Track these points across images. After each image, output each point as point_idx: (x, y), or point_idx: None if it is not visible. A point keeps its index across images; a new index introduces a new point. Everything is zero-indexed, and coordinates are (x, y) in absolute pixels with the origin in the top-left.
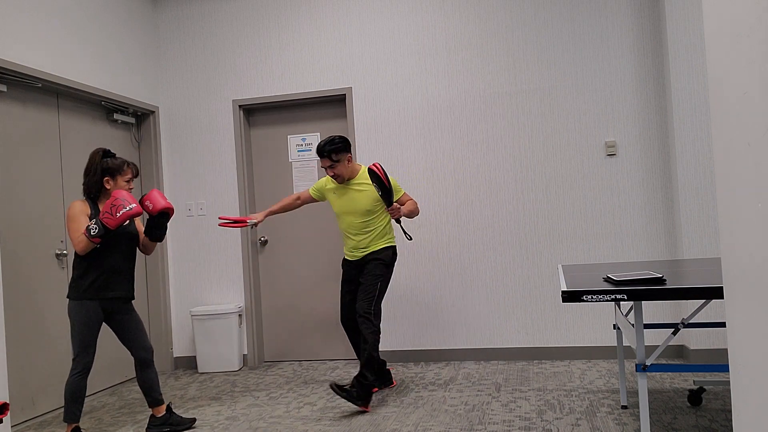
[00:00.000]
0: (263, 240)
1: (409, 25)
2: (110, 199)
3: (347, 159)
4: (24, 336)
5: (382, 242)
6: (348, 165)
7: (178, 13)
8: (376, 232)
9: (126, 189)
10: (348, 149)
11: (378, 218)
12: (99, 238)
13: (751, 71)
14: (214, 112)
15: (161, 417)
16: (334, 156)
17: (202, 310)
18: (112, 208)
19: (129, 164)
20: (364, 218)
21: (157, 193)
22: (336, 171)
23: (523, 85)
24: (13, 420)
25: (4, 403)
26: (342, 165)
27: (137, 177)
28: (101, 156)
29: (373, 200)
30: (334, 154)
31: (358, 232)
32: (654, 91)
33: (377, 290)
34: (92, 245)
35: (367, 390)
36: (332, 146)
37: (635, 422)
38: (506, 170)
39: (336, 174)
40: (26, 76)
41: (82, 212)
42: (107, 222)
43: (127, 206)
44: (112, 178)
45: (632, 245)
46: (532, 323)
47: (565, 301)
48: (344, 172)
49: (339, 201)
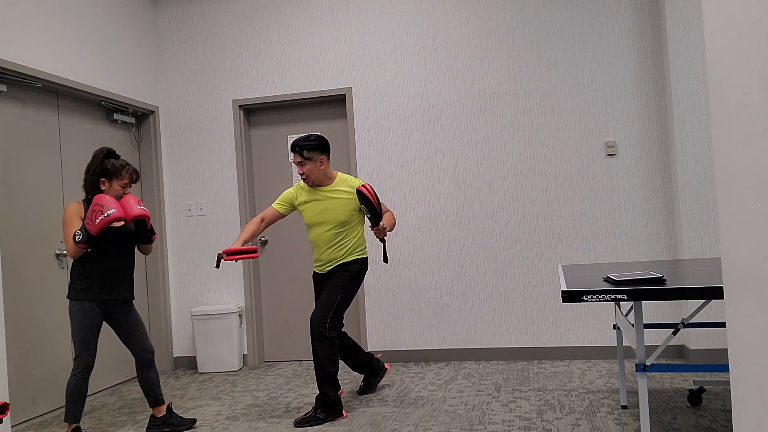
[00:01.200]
0: (263, 240)
1: (409, 25)
2: (91, 205)
3: (320, 160)
4: (24, 336)
5: (354, 254)
6: (320, 167)
7: (178, 13)
8: (348, 245)
9: (120, 193)
10: (323, 151)
11: (352, 230)
12: (84, 245)
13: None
14: (214, 112)
15: (161, 417)
16: (306, 153)
17: (202, 310)
18: (92, 213)
19: (128, 169)
20: (338, 229)
21: (132, 200)
22: (305, 169)
23: (523, 85)
24: (13, 420)
25: (4, 403)
26: (313, 165)
27: (136, 182)
28: (103, 156)
29: (349, 210)
30: (307, 150)
31: (328, 245)
32: (654, 91)
33: (336, 302)
34: (81, 251)
35: (331, 405)
36: (306, 142)
37: (635, 422)
38: (506, 170)
39: (304, 173)
40: (26, 76)
41: (76, 215)
42: (89, 228)
43: (105, 212)
44: (108, 180)
45: (632, 245)
46: (532, 323)
47: (565, 301)
48: (313, 174)
49: (312, 210)
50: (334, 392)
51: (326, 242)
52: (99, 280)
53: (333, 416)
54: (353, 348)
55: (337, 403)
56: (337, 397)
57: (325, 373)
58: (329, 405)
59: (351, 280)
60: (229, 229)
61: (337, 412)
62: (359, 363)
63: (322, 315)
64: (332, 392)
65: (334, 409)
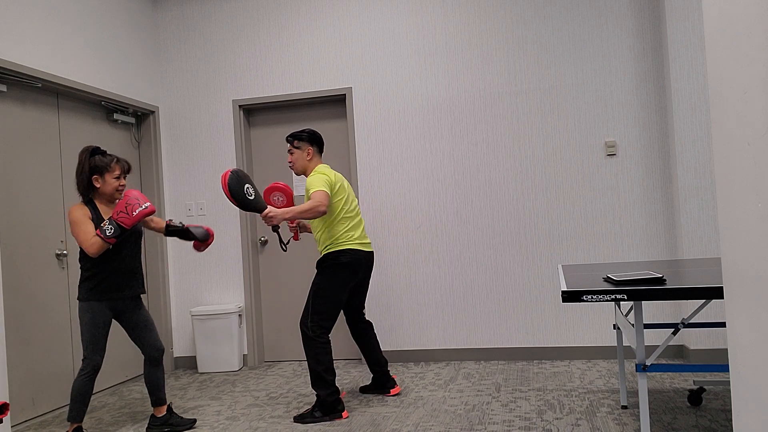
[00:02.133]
0: (263, 240)
1: (409, 25)
2: (124, 199)
3: (308, 151)
4: (24, 336)
5: (326, 249)
6: (306, 158)
7: (178, 13)
8: (320, 237)
9: (116, 186)
10: (312, 143)
11: (320, 222)
12: (115, 239)
13: (751, 71)
14: (214, 112)
15: (162, 417)
16: (296, 143)
17: (202, 310)
18: (127, 207)
19: (117, 160)
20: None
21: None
22: (292, 158)
23: (523, 85)
24: (13, 420)
25: (4, 403)
26: (300, 154)
27: (129, 173)
28: (89, 154)
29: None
30: (297, 140)
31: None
32: (654, 91)
33: (312, 301)
34: (107, 246)
35: (327, 405)
36: (298, 132)
37: (635, 422)
38: (506, 170)
39: (291, 161)
40: (26, 76)
41: (85, 215)
42: (123, 221)
43: (142, 205)
44: (101, 176)
45: (632, 245)
46: (532, 323)
47: (565, 301)
48: (298, 162)
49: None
50: (326, 391)
51: (313, 231)
52: (114, 279)
53: (331, 416)
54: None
55: (332, 403)
56: (329, 396)
57: (314, 373)
58: (323, 404)
59: (320, 275)
60: (229, 229)
61: (336, 413)
62: (376, 362)
63: (304, 315)
64: (323, 391)
65: (331, 408)
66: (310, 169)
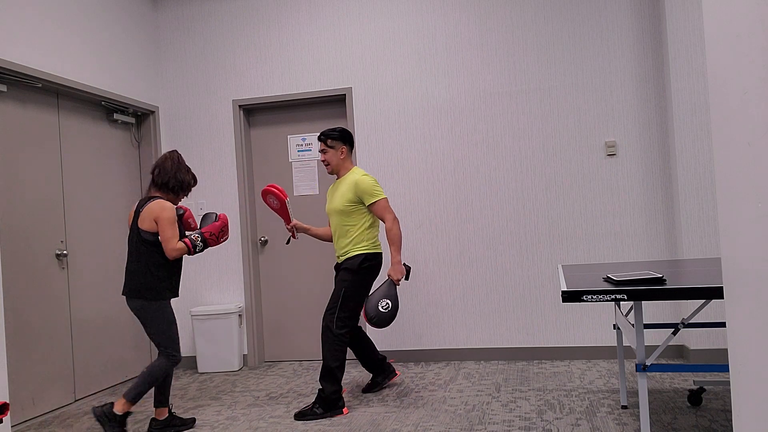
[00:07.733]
0: (263, 240)
1: (409, 25)
2: (220, 223)
3: (341, 150)
4: (24, 336)
5: (357, 249)
6: (341, 157)
7: (178, 13)
8: (350, 237)
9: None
10: (345, 142)
11: (355, 222)
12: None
13: (751, 71)
14: (214, 112)
15: (163, 420)
16: (329, 141)
17: (202, 310)
18: (221, 233)
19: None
20: (341, 218)
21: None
22: (326, 156)
23: (523, 85)
24: (13, 420)
25: (4, 403)
26: (334, 153)
27: None
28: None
29: (345, 201)
30: (330, 139)
31: (337, 234)
32: (654, 91)
33: (340, 298)
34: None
35: (329, 401)
36: (330, 131)
37: (635, 422)
38: (506, 170)
39: (325, 159)
40: (26, 76)
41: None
42: (209, 243)
43: (227, 237)
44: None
45: (632, 245)
46: (532, 323)
47: (565, 301)
48: (333, 161)
49: (328, 198)
50: (331, 388)
51: (335, 231)
52: (176, 277)
53: (332, 412)
54: (368, 347)
55: (334, 400)
56: (333, 393)
57: (327, 368)
58: (325, 400)
59: (353, 274)
60: (229, 229)
61: (337, 409)
62: (371, 361)
63: (329, 311)
64: (329, 387)
65: (332, 405)
66: (344, 169)
